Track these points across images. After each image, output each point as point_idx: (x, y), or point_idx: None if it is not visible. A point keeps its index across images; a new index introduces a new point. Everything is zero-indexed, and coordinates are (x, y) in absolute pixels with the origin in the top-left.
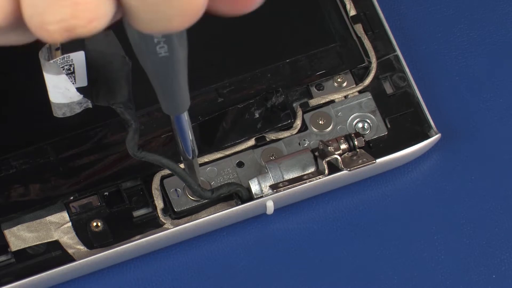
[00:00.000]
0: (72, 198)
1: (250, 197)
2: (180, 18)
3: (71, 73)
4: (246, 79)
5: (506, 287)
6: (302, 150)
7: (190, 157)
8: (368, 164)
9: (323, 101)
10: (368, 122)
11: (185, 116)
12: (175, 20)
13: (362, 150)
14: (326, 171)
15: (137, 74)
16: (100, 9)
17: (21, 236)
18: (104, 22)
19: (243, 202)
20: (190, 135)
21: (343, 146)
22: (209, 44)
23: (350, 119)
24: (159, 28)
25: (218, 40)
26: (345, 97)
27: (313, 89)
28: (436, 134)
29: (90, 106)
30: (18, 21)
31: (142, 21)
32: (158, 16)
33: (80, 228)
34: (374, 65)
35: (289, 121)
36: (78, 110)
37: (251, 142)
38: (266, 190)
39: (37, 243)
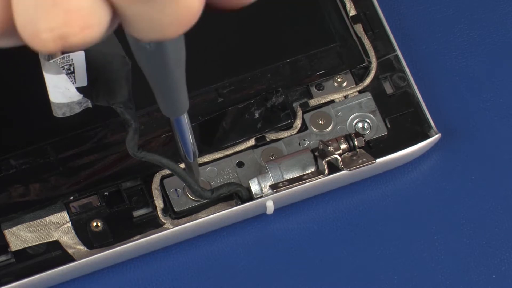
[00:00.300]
0: (72, 198)
1: (250, 197)
2: (175, 25)
3: (71, 73)
4: (246, 79)
5: (506, 287)
6: (302, 150)
7: (191, 159)
8: (368, 164)
9: (323, 101)
10: (368, 122)
11: (185, 118)
12: (170, 28)
13: (362, 150)
14: (326, 171)
15: (137, 74)
16: (93, 17)
17: (21, 236)
18: (98, 31)
19: (243, 202)
20: (190, 137)
21: (343, 146)
22: (209, 44)
23: (350, 119)
24: (154, 36)
25: (218, 40)
26: (345, 97)
27: (313, 89)
28: (436, 134)
29: (90, 106)
30: (11, 29)
31: (137, 30)
32: (152, 24)
33: (80, 228)
34: (374, 65)
35: (289, 121)
36: (78, 110)
37: (251, 142)
38: (266, 190)
39: (37, 243)
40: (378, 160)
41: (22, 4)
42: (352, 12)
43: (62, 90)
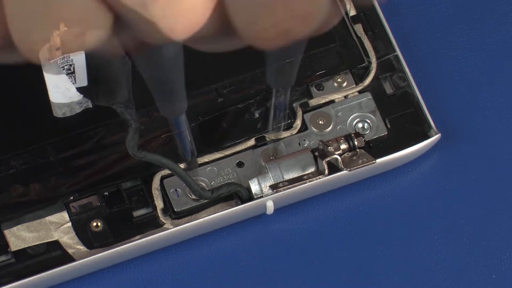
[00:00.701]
0: (72, 198)
1: (250, 197)
2: (180, 29)
3: (71, 73)
4: (246, 79)
5: (506, 287)
6: (302, 150)
7: (189, 158)
8: (368, 164)
9: (323, 101)
10: (368, 122)
11: (183, 118)
12: (174, 31)
13: (362, 150)
14: (326, 171)
15: (137, 74)
16: (87, 24)
17: (21, 236)
18: (95, 37)
19: (243, 202)
20: (188, 136)
21: (343, 146)
22: None
23: (350, 119)
24: (159, 39)
25: None
26: (345, 97)
27: (313, 89)
28: (436, 134)
29: (90, 106)
30: (8, 43)
31: (142, 33)
32: (157, 28)
33: (80, 228)
34: (374, 65)
35: (289, 121)
36: (78, 110)
37: (251, 142)
38: (266, 190)
39: (37, 243)
40: (378, 160)
41: (15, 18)
42: (352, 12)
43: (62, 90)
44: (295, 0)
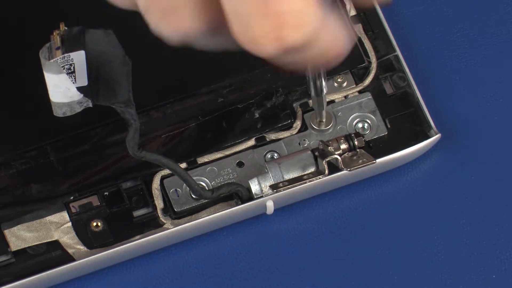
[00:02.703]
0: (72, 198)
1: (250, 197)
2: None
3: (71, 72)
4: (246, 79)
5: (506, 287)
6: (302, 150)
7: (319, 95)
8: (368, 164)
9: None
10: (368, 122)
11: None
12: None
13: (362, 150)
14: (326, 171)
15: (137, 74)
16: (305, 13)
17: (21, 236)
18: (311, 26)
19: (243, 202)
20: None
21: (343, 146)
22: None
23: (350, 119)
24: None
25: None
26: (345, 97)
27: None
28: (436, 134)
29: (90, 105)
30: (221, 29)
31: None
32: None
33: (80, 228)
34: (374, 65)
35: (289, 121)
36: (78, 109)
37: (251, 142)
38: (266, 190)
39: (37, 243)
40: (378, 160)
41: (235, 14)
42: (352, 12)
43: (62, 90)
44: (285, 8)
